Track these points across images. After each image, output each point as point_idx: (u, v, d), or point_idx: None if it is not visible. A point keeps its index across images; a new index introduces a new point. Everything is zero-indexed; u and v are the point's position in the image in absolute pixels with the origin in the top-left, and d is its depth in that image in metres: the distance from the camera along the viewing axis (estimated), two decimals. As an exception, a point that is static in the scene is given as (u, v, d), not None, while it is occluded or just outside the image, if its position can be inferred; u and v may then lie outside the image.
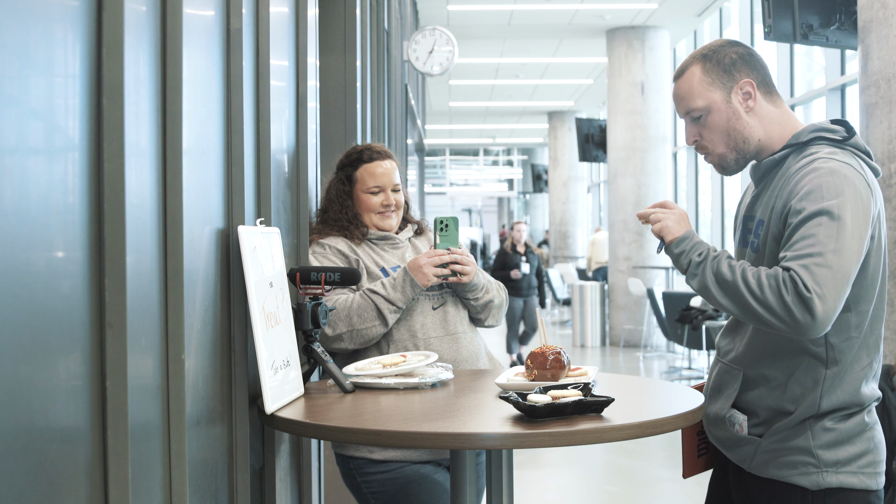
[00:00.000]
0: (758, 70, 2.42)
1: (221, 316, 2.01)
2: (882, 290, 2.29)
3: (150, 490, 1.50)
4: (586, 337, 13.75)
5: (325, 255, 2.91)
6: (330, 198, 3.05)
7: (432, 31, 9.71)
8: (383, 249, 3.00)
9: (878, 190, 2.27)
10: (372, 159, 3.03)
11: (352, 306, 2.79)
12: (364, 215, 3.02)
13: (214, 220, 1.96)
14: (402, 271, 2.82)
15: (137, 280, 1.43)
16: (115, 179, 1.35)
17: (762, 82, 2.40)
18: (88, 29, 1.31)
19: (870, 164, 2.31)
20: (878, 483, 2.30)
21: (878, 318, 2.30)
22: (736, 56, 2.40)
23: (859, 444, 2.27)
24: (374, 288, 2.81)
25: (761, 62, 2.44)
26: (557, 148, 23.23)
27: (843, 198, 2.16)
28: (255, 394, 2.23)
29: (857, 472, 2.27)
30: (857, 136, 2.31)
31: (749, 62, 2.41)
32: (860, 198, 2.18)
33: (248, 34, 2.19)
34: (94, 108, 1.32)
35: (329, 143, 4.21)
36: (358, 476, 2.79)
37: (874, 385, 2.31)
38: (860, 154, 2.30)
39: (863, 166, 2.26)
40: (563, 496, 6.19)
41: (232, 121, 2.07)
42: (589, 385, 2.14)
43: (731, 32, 13.37)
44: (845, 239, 2.13)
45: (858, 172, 2.22)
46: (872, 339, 2.29)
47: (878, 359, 2.31)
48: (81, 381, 1.27)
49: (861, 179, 2.21)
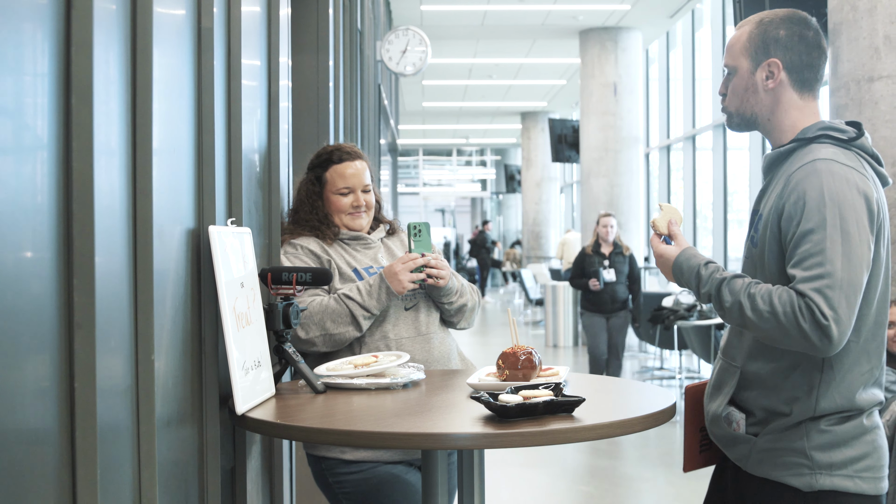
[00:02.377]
0: (797, 56, 2.35)
1: (192, 316, 2.00)
2: (884, 296, 2.27)
3: (119, 491, 1.49)
4: (559, 337, 13.77)
5: (297, 255, 2.89)
6: (301, 198, 3.04)
7: (405, 31, 9.71)
8: (355, 249, 2.99)
9: (881, 194, 2.26)
10: (342, 160, 3.02)
11: (326, 310, 2.78)
12: (334, 216, 3.01)
13: (185, 220, 1.96)
14: (378, 278, 2.81)
15: (106, 280, 1.42)
16: (85, 179, 1.34)
17: (794, 68, 2.36)
18: (57, 27, 1.30)
19: (876, 170, 2.30)
20: (878, 488, 2.27)
21: (881, 324, 2.27)
22: (783, 34, 2.35)
23: (857, 448, 2.24)
24: (350, 293, 2.80)
25: (808, 51, 2.36)
26: (530, 148, 23.28)
27: (844, 206, 2.15)
28: (225, 394, 2.22)
29: (852, 476, 2.24)
30: (866, 138, 2.30)
31: (790, 46, 2.35)
32: (860, 203, 2.17)
33: (219, 33, 2.18)
34: (63, 107, 1.31)
35: (301, 143, 4.20)
36: (330, 476, 2.78)
37: (876, 391, 2.29)
38: (865, 156, 2.29)
39: (866, 169, 2.25)
40: (534, 496, 6.20)
41: (203, 120, 2.06)
42: (560, 385, 2.14)
43: (703, 34, 13.44)
44: (852, 251, 2.13)
45: (861, 174, 2.21)
46: (874, 346, 2.26)
47: (879, 365, 2.29)
48: (50, 381, 1.26)
49: (863, 182, 2.19)
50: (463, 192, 34.54)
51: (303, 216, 3.00)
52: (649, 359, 12.10)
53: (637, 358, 12.43)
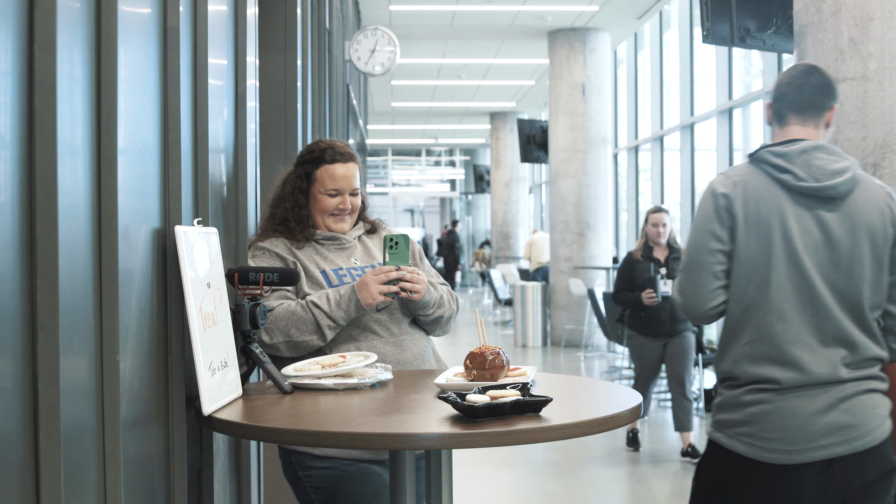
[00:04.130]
0: (774, 98, 2.84)
1: (158, 317, 1.99)
2: (765, 280, 2.65)
3: (83, 493, 1.48)
4: (528, 337, 13.81)
5: (263, 258, 2.87)
6: (285, 192, 2.98)
7: (374, 31, 9.70)
8: (328, 250, 2.94)
9: (761, 193, 2.69)
10: (334, 160, 2.96)
11: (291, 317, 2.75)
12: (317, 215, 2.97)
13: (151, 219, 1.95)
14: (350, 289, 2.76)
15: (70, 280, 1.41)
16: (48, 178, 1.33)
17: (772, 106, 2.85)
18: (20, 25, 1.29)
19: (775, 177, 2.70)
20: (756, 454, 2.63)
21: (757, 304, 2.67)
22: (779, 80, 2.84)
23: (737, 413, 2.67)
24: (318, 302, 2.76)
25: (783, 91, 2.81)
26: (499, 149, 23.32)
27: (699, 205, 2.79)
28: (192, 395, 2.21)
29: (731, 437, 2.68)
30: (767, 150, 2.74)
31: (773, 89, 2.85)
32: (708, 201, 2.74)
33: (185, 32, 2.17)
34: (26, 105, 1.30)
35: (269, 143, 4.18)
36: (300, 470, 2.76)
37: (760, 367, 2.65)
38: (764, 165, 2.73)
39: (753, 173, 2.73)
40: (502, 496, 6.21)
41: (169, 119, 2.05)
42: (527, 385, 2.15)
43: (671, 35, 13.52)
44: (693, 239, 2.76)
45: (726, 177, 2.77)
46: (753, 323, 2.67)
47: (763, 341, 2.65)
48: (12, 382, 1.25)
49: (723, 185, 2.74)
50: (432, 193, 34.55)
51: (281, 212, 2.96)
52: (618, 359, 12.16)
53: (606, 358, 12.49)
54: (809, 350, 2.63)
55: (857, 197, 2.69)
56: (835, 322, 2.65)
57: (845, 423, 2.61)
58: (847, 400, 2.63)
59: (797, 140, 2.74)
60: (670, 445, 7.46)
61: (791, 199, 2.68)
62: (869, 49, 4.90)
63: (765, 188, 2.69)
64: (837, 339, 2.65)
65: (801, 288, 2.65)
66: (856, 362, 2.66)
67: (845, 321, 2.65)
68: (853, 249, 2.66)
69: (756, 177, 2.72)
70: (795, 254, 2.65)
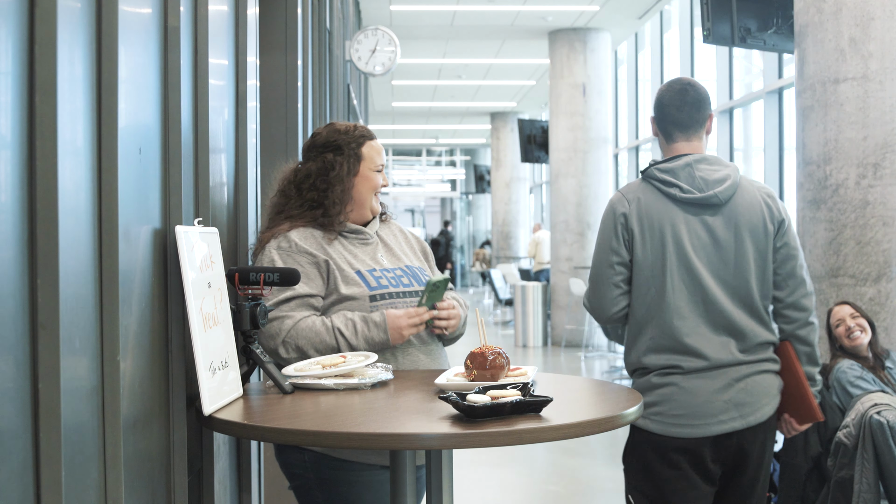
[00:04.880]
0: (657, 117, 3.19)
1: (158, 317, 1.99)
2: (661, 283, 3.03)
3: (84, 493, 1.48)
4: (528, 337, 13.80)
5: (290, 253, 2.74)
6: (334, 178, 2.84)
7: (375, 30, 9.70)
8: (354, 245, 2.84)
9: (653, 207, 3.06)
10: (374, 136, 2.91)
11: (314, 337, 2.66)
12: (367, 196, 2.86)
13: (151, 219, 1.95)
14: (380, 328, 2.68)
15: (71, 280, 1.41)
16: (48, 178, 1.33)
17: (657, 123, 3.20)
18: (21, 25, 1.29)
19: (664, 191, 3.06)
20: (666, 430, 3.03)
21: (657, 304, 3.05)
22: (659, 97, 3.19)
23: (649, 397, 3.03)
24: (344, 331, 2.67)
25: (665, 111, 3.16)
26: (500, 149, 23.31)
27: (601, 223, 3.16)
28: (192, 395, 2.21)
29: (645, 417, 3.04)
30: (655, 168, 3.10)
31: (655, 106, 3.20)
32: (609, 218, 3.12)
33: (186, 32, 2.17)
34: (27, 105, 1.30)
35: (270, 143, 4.18)
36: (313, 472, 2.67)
37: (665, 356, 3.04)
38: (653, 181, 3.09)
39: (645, 189, 3.10)
40: (504, 496, 6.21)
41: (169, 120, 2.05)
42: (528, 385, 2.15)
43: (672, 35, 13.51)
44: (595, 254, 3.16)
45: (622, 196, 3.13)
46: (655, 321, 3.05)
47: (665, 335, 3.03)
48: (12, 382, 1.25)
49: (619, 203, 3.11)
50: (433, 193, 34.54)
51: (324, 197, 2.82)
52: (618, 359, 12.15)
53: (606, 358, 12.48)
54: (706, 339, 3.02)
55: (738, 200, 3.07)
56: (726, 314, 3.04)
57: (741, 400, 3.02)
58: (742, 380, 3.03)
59: (682, 155, 3.10)
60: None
61: (679, 209, 3.05)
62: (869, 49, 4.90)
63: (656, 202, 3.07)
64: (728, 328, 3.04)
65: (693, 287, 3.03)
66: (748, 348, 3.06)
67: (736, 312, 3.05)
68: (738, 248, 3.05)
69: (648, 192, 3.09)
70: (687, 257, 3.03)
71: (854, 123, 4.94)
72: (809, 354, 3.14)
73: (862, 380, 4.32)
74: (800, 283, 3.11)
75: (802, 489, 4.34)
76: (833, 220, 5.02)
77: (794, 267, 3.10)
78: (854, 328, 4.45)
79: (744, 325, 3.04)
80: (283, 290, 2.67)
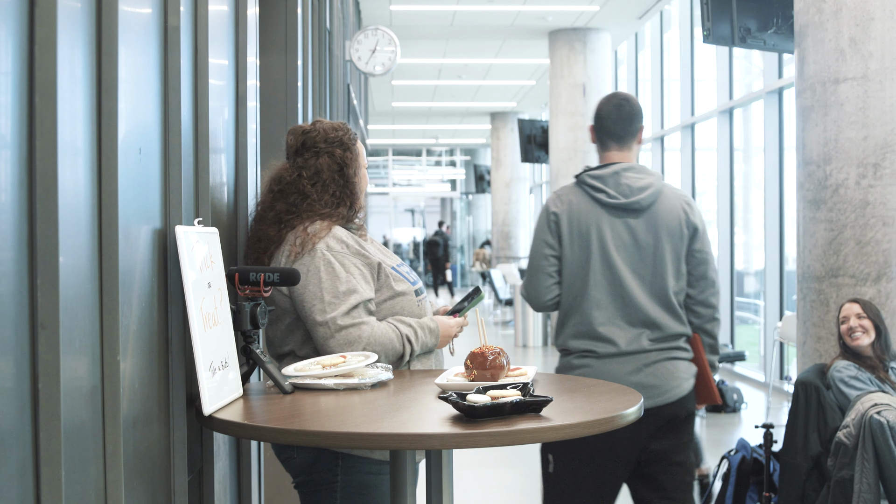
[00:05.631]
0: (595, 128, 3.58)
1: (158, 317, 1.99)
2: (585, 277, 3.40)
3: (84, 493, 1.48)
4: (528, 337, 13.80)
5: (345, 255, 2.69)
6: (351, 174, 2.81)
7: (375, 30, 9.69)
8: (365, 241, 2.82)
9: (581, 209, 3.43)
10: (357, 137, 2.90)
11: (388, 346, 2.66)
12: (360, 195, 2.86)
13: (151, 219, 1.95)
14: (433, 334, 2.75)
15: (71, 280, 1.41)
16: (48, 178, 1.33)
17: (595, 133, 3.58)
18: (21, 25, 1.29)
19: (592, 195, 3.43)
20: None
21: (580, 296, 3.42)
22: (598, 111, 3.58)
23: (568, 375, 3.30)
24: (413, 340, 2.70)
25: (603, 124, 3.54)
26: (500, 149, 23.29)
27: (537, 220, 3.51)
28: (192, 395, 2.21)
29: None
30: (587, 174, 3.46)
31: (594, 118, 3.58)
32: (543, 216, 3.50)
33: (186, 32, 2.17)
34: (27, 105, 1.30)
35: (270, 143, 4.18)
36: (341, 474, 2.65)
37: (585, 341, 3.41)
38: (584, 186, 3.46)
39: (576, 193, 3.47)
40: (503, 496, 6.21)
41: (169, 120, 2.05)
42: (528, 385, 2.15)
43: (672, 35, 13.51)
44: (531, 247, 3.53)
45: (558, 199, 3.50)
46: (578, 310, 3.42)
47: (585, 324, 3.41)
48: (12, 382, 1.25)
49: (554, 204, 3.48)
50: (432, 193, 34.53)
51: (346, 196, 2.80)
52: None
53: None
54: (620, 329, 3.39)
55: (658, 206, 3.43)
56: (641, 308, 3.39)
57: (649, 383, 3.36)
58: (651, 366, 3.39)
59: (613, 164, 3.47)
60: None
61: (605, 212, 3.41)
62: (870, 49, 4.90)
63: (585, 205, 3.44)
64: (643, 321, 3.40)
65: (612, 282, 3.39)
66: (660, 338, 3.42)
67: (651, 306, 3.40)
68: (656, 248, 3.41)
69: (578, 196, 3.46)
70: (608, 256, 3.39)
71: (854, 123, 4.93)
72: (712, 345, 3.56)
73: (856, 380, 4.31)
74: (710, 284, 3.50)
75: (802, 489, 4.33)
76: (833, 220, 5.02)
77: (705, 270, 3.48)
78: (856, 328, 4.42)
79: (658, 318, 3.41)
80: (348, 296, 2.63)
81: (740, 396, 8.84)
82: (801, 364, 5.39)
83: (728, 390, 8.76)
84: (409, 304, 2.77)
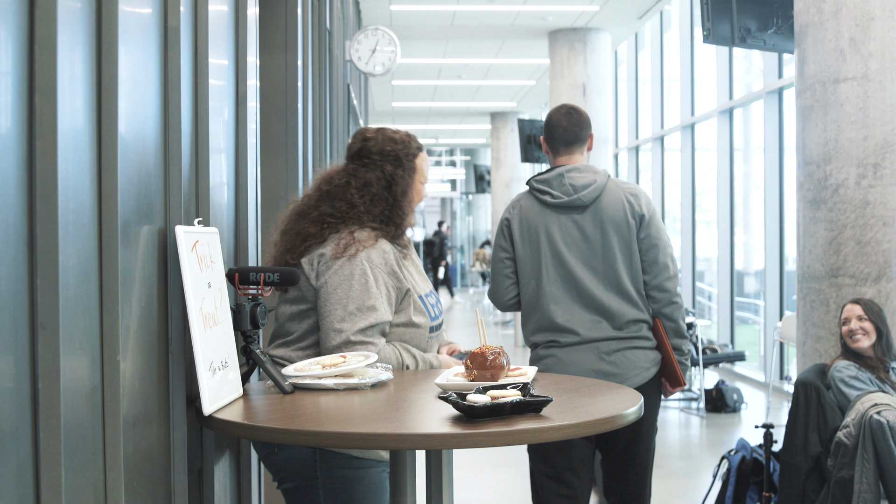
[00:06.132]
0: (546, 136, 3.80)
1: (158, 317, 1.99)
2: (538, 275, 3.59)
3: (83, 493, 1.48)
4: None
5: (382, 272, 2.69)
6: (399, 193, 2.80)
7: (375, 30, 9.69)
8: (406, 260, 2.83)
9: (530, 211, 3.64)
10: (423, 147, 2.89)
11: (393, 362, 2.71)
12: (409, 211, 2.84)
13: (151, 219, 1.94)
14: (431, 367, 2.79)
15: (71, 280, 1.41)
16: (48, 178, 1.33)
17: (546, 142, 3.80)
18: (20, 25, 1.29)
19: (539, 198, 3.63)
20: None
21: (537, 293, 3.60)
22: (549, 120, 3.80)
23: (537, 365, 3.54)
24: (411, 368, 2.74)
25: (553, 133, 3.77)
26: (500, 149, 23.28)
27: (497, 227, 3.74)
28: (192, 395, 2.21)
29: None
30: (534, 179, 3.68)
31: (545, 128, 3.80)
32: (499, 225, 3.72)
33: (186, 32, 2.17)
34: (27, 105, 1.30)
35: (270, 144, 4.18)
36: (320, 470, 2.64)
37: (546, 334, 3.59)
38: (533, 191, 3.67)
39: (525, 198, 3.69)
40: (503, 496, 6.20)
41: (169, 120, 2.05)
42: (528, 385, 2.15)
43: (672, 35, 13.51)
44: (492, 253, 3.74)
45: (510, 206, 3.71)
46: (537, 307, 3.60)
47: (545, 318, 3.57)
48: (12, 382, 1.25)
49: (507, 211, 3.70)
50: (433, 193, 34.52)
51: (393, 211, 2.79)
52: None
53: (606, 358, 12.45)
54: (578, 319, 3.55)
55: (603, 201, 3.58)
56: (596, 298, 3.55)
57: (609, 371, 3.52)
58: (612, 354, 3.54)
59: (559, 167, 3.66)
60: (670, 445, 7.46)
61: (552, 212, 3.61)
62: (870, 49, 4.90)
63: (532, 207, 3.65)
64: (599, 310, 3.56)
65: (565, 277, 3.57)
66: (619, 326, 3.56)
67: (606, 296, 3.56)
68: (604, 241, 3.57)
69: (528, 200, 3.68)
70: (559, 252, 3.58)
71: (854, 123, 4.93)
72: (675, 329, 3.65)
73: (856, 380, 4.31)
74: (662, 268, 3.61)
75: (802, 489, 4.33)
76: (833, 220, 5.02)
77: (656, 255, 3.60)
78: (857, 331, 4.42)
79: (613, 306, 3.56)
80: (370, 313, 2.64)
81: (740, 396, 8.84)
82: (801, 364, 5.39)
83: (728, 390, 8.76)
84: (419, 337, 2.79)
